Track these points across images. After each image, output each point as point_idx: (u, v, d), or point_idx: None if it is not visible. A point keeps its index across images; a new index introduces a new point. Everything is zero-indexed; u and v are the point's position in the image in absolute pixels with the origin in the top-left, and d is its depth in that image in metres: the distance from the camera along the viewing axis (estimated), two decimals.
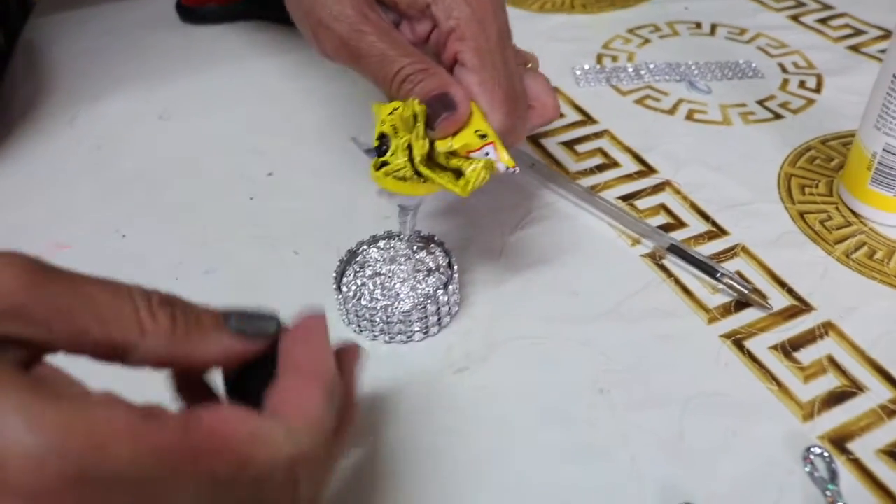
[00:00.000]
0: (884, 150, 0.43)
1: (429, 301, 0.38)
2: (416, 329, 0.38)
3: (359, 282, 0.39)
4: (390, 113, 0.34)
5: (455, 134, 0.34)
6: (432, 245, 0.41)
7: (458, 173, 0.34)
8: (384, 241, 0.41)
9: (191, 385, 0.27)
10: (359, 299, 0.38)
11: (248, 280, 0.42)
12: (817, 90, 0.57)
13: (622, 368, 0.37)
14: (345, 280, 0.40)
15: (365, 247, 0.41)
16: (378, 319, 0.38)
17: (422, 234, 0.41)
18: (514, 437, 0.34)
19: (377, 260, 0.40)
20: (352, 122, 0.53)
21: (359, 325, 0.39)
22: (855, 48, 0.62)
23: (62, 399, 0.20)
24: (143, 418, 0.21)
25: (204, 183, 0.49)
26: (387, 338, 0.39)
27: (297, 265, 0.43)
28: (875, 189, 0.45)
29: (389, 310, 0.38)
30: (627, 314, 0.40)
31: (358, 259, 0.41)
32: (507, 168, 0.35)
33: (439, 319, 0.39)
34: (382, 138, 0.34)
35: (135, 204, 0.48)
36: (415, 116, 0.34)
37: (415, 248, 0.41)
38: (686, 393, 0.36)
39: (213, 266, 0.43)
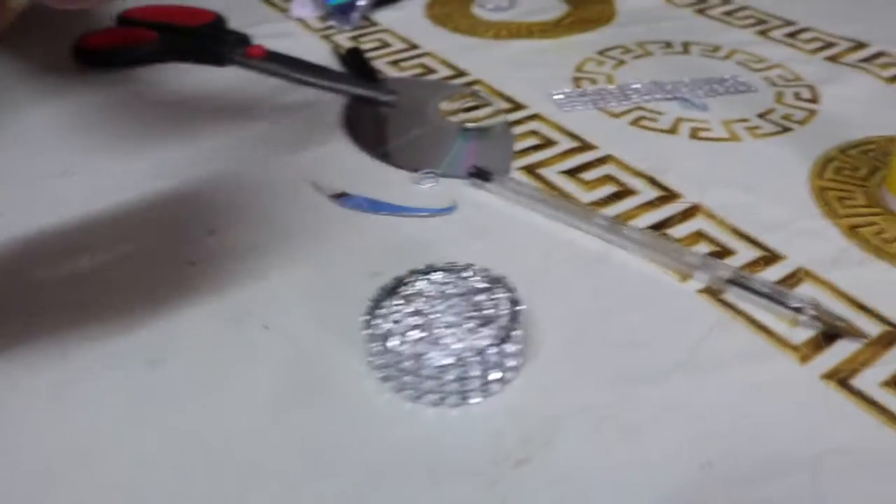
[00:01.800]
0: None
1: (474, 358, 0.29)
2: (452, 391, 0.29)
3: (394, 317, 0.30)
4: None
5: None
6: (498, 288, 0.32)
7: None
8: (442, 274, 0.32)
9: None
10: (386, 339, 0.29)
11: (207, 367, 0.32)
12: (814, 101, 0.52)
13: (721, 432, 0.29)
14: (378, 313, 0.31)
15: (417, 276, 0.32)
16: (405, 368, 0.29)
17: (490, 273, 0.33)
18: None
19: (425, 295, 0.31)
20: (306, 166, 0.44)
21: (383, 373, 0.30)
22: (832, 59, 0.58)
23: None
24: None
25: (126, 249, 0.38)
26: (414, 394, 0.30)
27: (270, 343, 0.33)
28: None
29: (421, 359, 0.29)
30: (705, 363, 0.32)
31: (402, 290, 0.32)
32: None
33: (486, 384, 0.30)
34: None
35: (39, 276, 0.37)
36: None
37: (476, 287, 0.32)
38: (809, 453, 0.28)
39: (159, 356, 0.32)
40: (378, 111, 0.51)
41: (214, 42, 0.56)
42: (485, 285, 0.32)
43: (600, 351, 0.33)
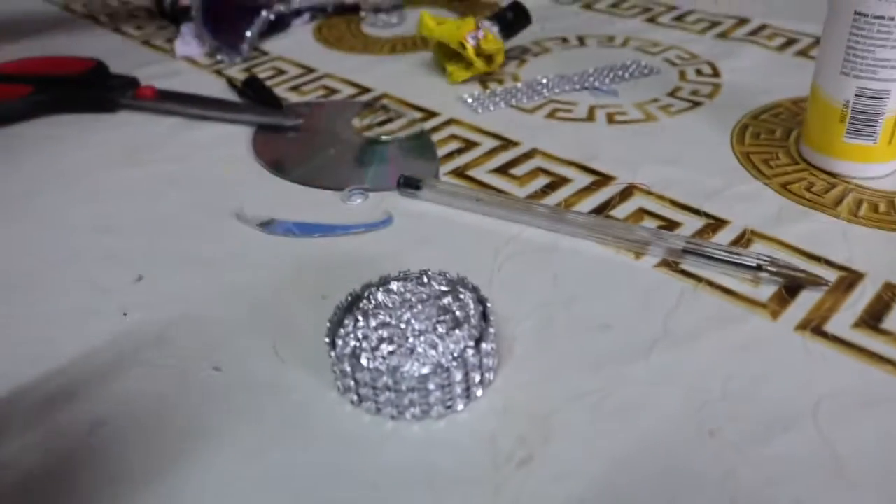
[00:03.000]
0: (857, 95, 0.39)
1: (454, 363, 0.27)
2: (434, 401, 0.27)
3: (359, 334, 0.28)
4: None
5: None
6: (461, 289, 0.30)
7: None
8: (399, 284, 0.30)
9: None
10: (357, 358, 0.27)
11: (158, 425, 0.28)
12: (716, 75, 0.53)
13: (716, 398, 0.28)
14: (341, 333, 0.28)
15: (373, 289, 0.30)
16: (382, 385, 0.27)
17: (448, 276, 0.31)
18: None
19: (386, 306, 0.29)
20: (226, 200, 0.41)
21: (357, 394, 0.28)
22: (722, 35, 0.60)
23: None
24: None
25: (52, 310, 0.34)
26: (394, 411, 0.28)
27: (226, 387, 0.30)
28: (852, 142, 0.40)
29: (398, 373, 0.26)
30: (682, 334, 0.31)
31: (361, 306, 0.29)
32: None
33: (468, 389, 0.28)
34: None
35: None
36: None
37: (438, 291, 0.30)
38: (806, 403, 0.28)
39: (100, 418, 0.29)
40: (288, 136, 0.48)
41: (99, 88, 0.52)
42: (446, 288, 0.30)
43: (574, 338, 0.31)
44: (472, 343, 0.28)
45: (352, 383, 0.28)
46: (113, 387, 0.30)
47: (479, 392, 0.28)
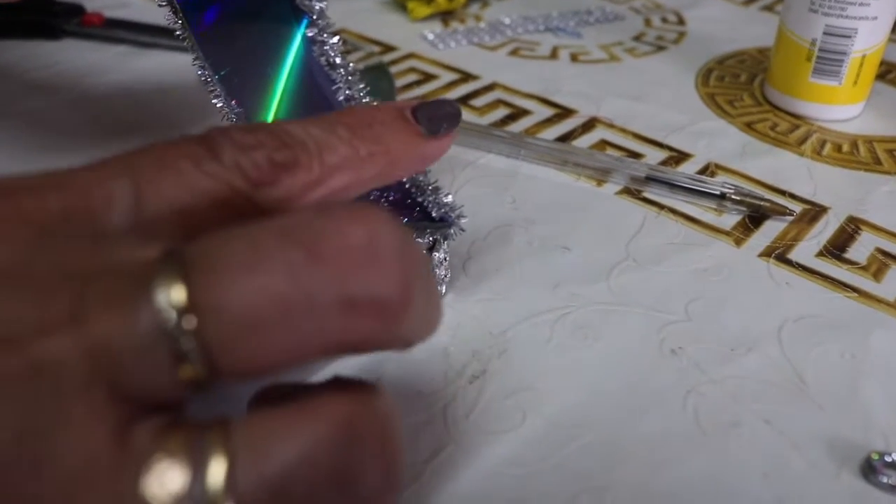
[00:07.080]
0: (825, 33, 0.38)
1: None
2: None
3: None
4: None
5: None
6: None
7: None
8: None
9: None
10: None
11: None
12: (682, 23, 0.52)
13: (679, 318, 0.27)
14: None
15: None
16: None
17: None
18: (617, 445, 0.23)
19: None
20: (172, 126, 0.39)
21: None
22: None
23: None
24: None
25: None
26: None
27: None
28: (818, 81, 0.39)
29: None
30: (644, 258, 0.30)
31: None
32: None
33: None
34: None
35: None
36: None
37: None
38: (768, 326, 0.27)
39: None
40: None
41: (42, 14, 0.49)
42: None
43: (531, 259, 0.30)
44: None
45: None
46: None
47: None
